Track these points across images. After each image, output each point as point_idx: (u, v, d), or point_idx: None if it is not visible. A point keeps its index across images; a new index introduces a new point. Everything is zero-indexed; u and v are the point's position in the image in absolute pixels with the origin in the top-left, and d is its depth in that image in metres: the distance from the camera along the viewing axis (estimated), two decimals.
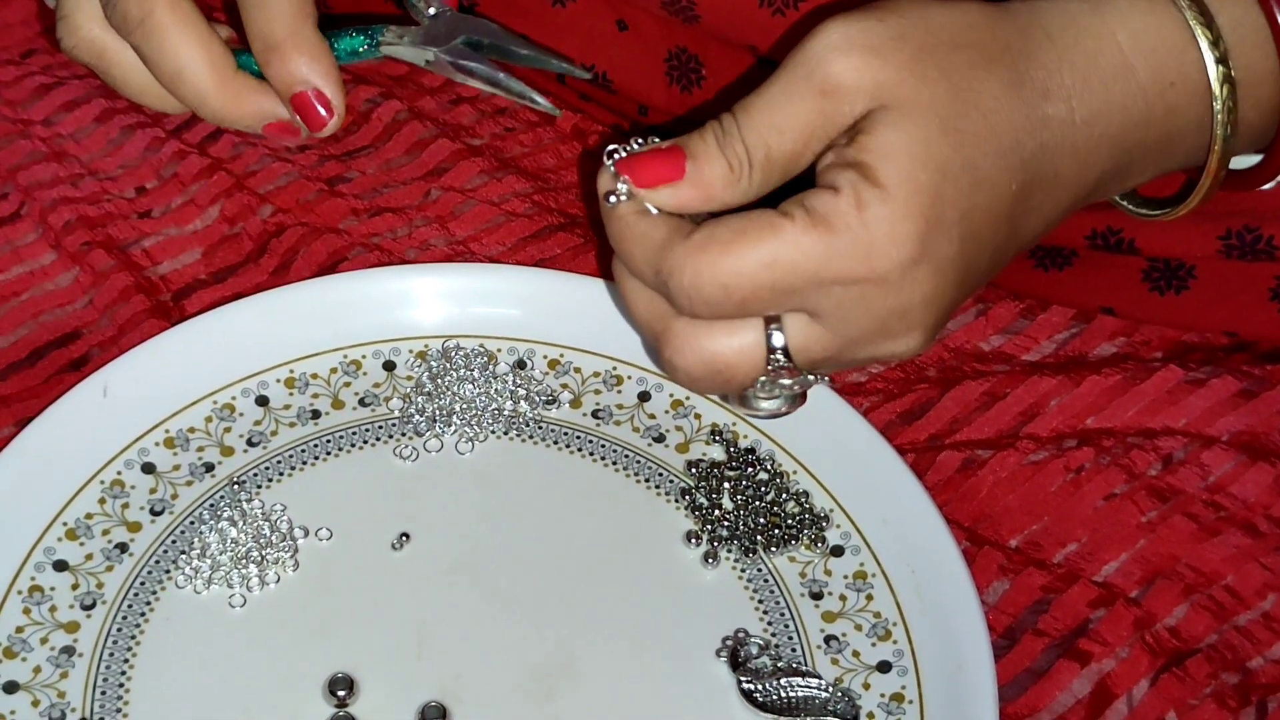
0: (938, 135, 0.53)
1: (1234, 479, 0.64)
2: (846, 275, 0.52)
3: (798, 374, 0.55)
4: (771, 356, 0.55)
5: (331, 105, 0.65)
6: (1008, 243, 0.56)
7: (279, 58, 0.64)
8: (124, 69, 0.67)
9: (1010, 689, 0.59)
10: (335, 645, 0.59)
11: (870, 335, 0.54)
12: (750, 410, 0.57)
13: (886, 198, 0.52)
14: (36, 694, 0.57)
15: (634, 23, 0.74)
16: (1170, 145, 0.58)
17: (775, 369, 0.55)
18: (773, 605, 0.61)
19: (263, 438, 0.65)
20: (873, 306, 0.53)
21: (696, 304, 0.53)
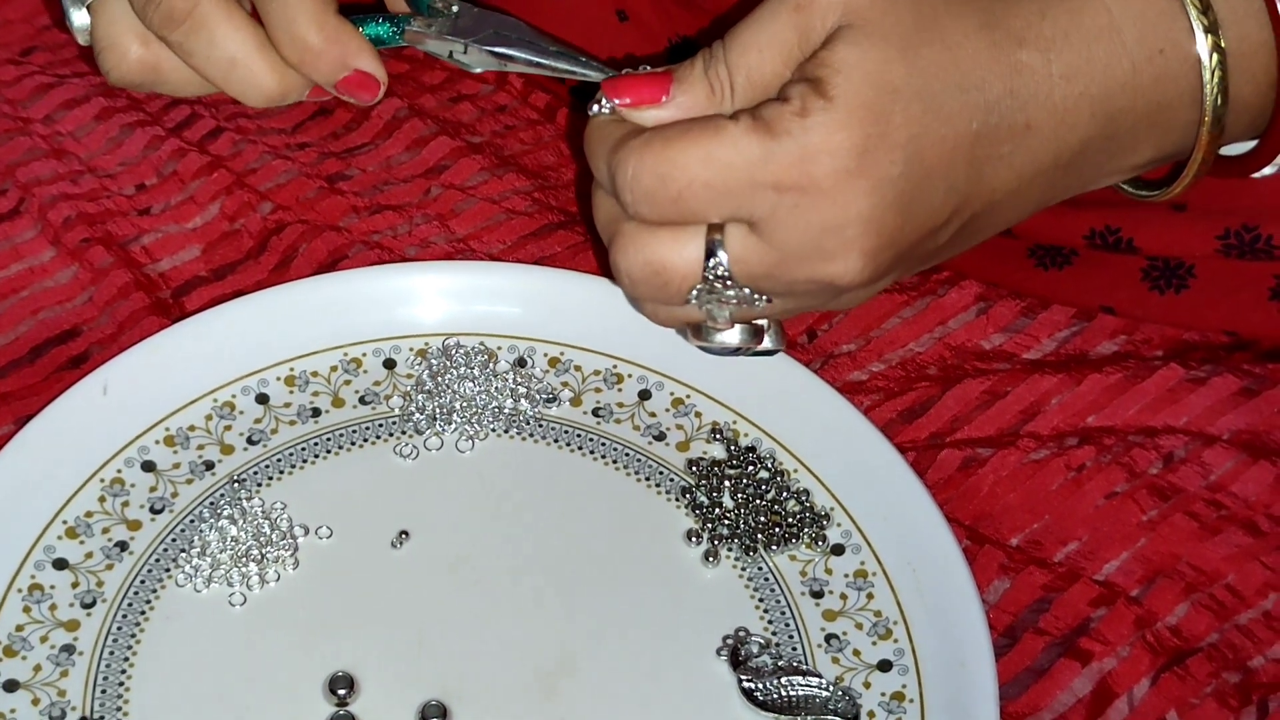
0: (896, 56, 0.53)
1: (1235, 477, 0.64)
2: (782, 180, 0.53)
3: (736, 287, 0.56)
4: (709, 263, 0.55)
5: (376, 80, 0.64)
6: (970, 186, 0.56)
7: (313, 58, 0.63)
8: (179, 75, 0.65)
9: (1011, 688, 0.59)
10: (335, 644, 0.59)
11: (807, 251, 0.54)
12: (705, 342, 0.59)
13: (830, 108, 0.53)
14: (36, 692, 0.57)
15: (634, 13, 0.74)
16: (1161, 117, 0.57)
17: (713, 279, 0.55)
18: (773, 604, 0.61)
19: (263, 436, 0.65)
20: (808, 217, 0.54)
21: (638, 197, 0.54)
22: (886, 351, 0.70)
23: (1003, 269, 0.72)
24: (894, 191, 0.54)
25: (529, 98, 0.80)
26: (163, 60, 0.65)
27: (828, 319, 0.71)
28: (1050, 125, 0.56)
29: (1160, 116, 0.57)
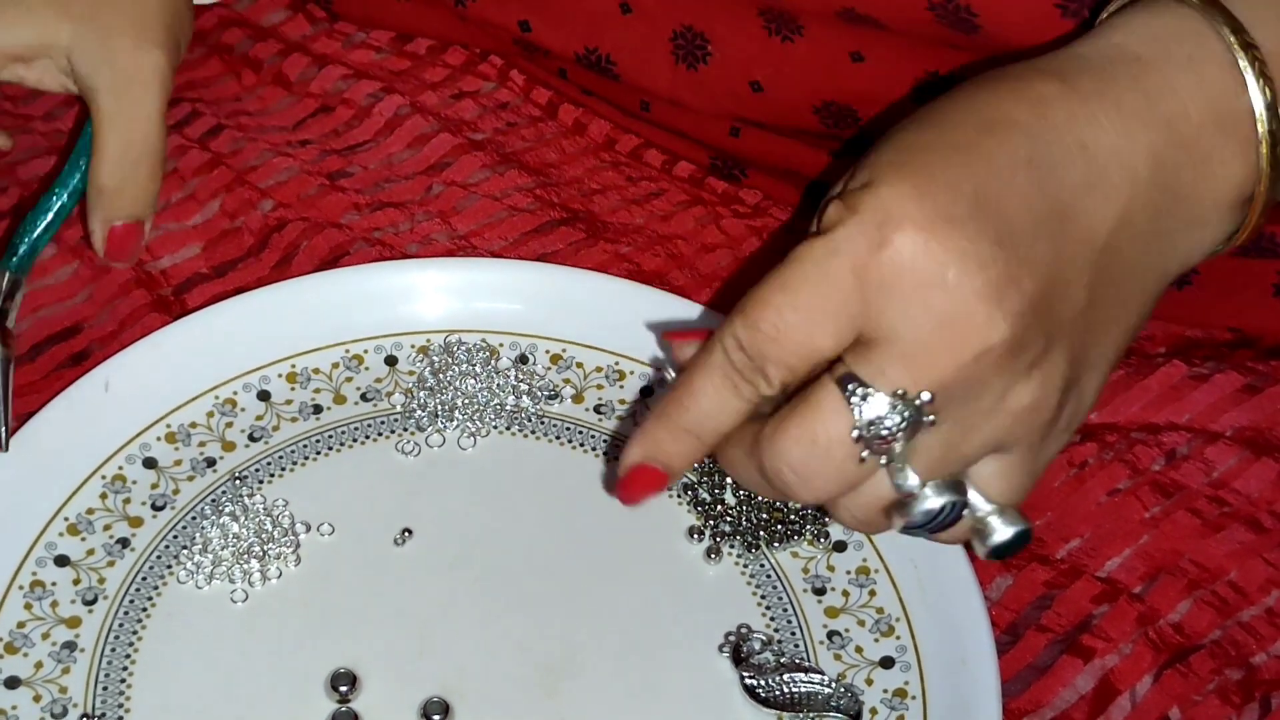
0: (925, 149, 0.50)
1: (1237, 474, 0.64)
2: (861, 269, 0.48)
3: (890, 409, 0.48)
4: (849, 392, 0.49)
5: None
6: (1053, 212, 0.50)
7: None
8: None
9: (1013, 685, 0.59)
10: (337, 640, 0.59)
11: (933, 330, 0.48)
12: (911, 517, 0.51)
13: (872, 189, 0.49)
14: (38, 689, 0.57)
15: (638, 5, 0.73)
16: (1226, 121, 0.53)
17: (862, 411, 0.49)
18: (775, 601, 0.60)
19: (264, 433, 0.65)
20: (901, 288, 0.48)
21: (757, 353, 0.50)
22: None
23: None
24: (974, 225, 0.48)
25: (531, 94, 0.80)
26: None
27: None
28: (1111, 141, 0.51)
29: (1225, 121, 0.53)
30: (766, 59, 0.71)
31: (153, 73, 0.65)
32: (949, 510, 0.51)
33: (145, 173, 0.66)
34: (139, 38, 0.65)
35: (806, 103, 0.72)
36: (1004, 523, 0.51)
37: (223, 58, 0.80)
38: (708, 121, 0.76)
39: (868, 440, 0.49)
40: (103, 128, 0.65)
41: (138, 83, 0.65)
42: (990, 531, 0.51)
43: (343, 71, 0.79)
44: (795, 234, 0.63)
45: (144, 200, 0.66)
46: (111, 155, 0.65)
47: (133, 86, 0.65)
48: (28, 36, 0.66)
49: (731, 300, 0.51)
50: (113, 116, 0.65)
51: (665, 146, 0.78)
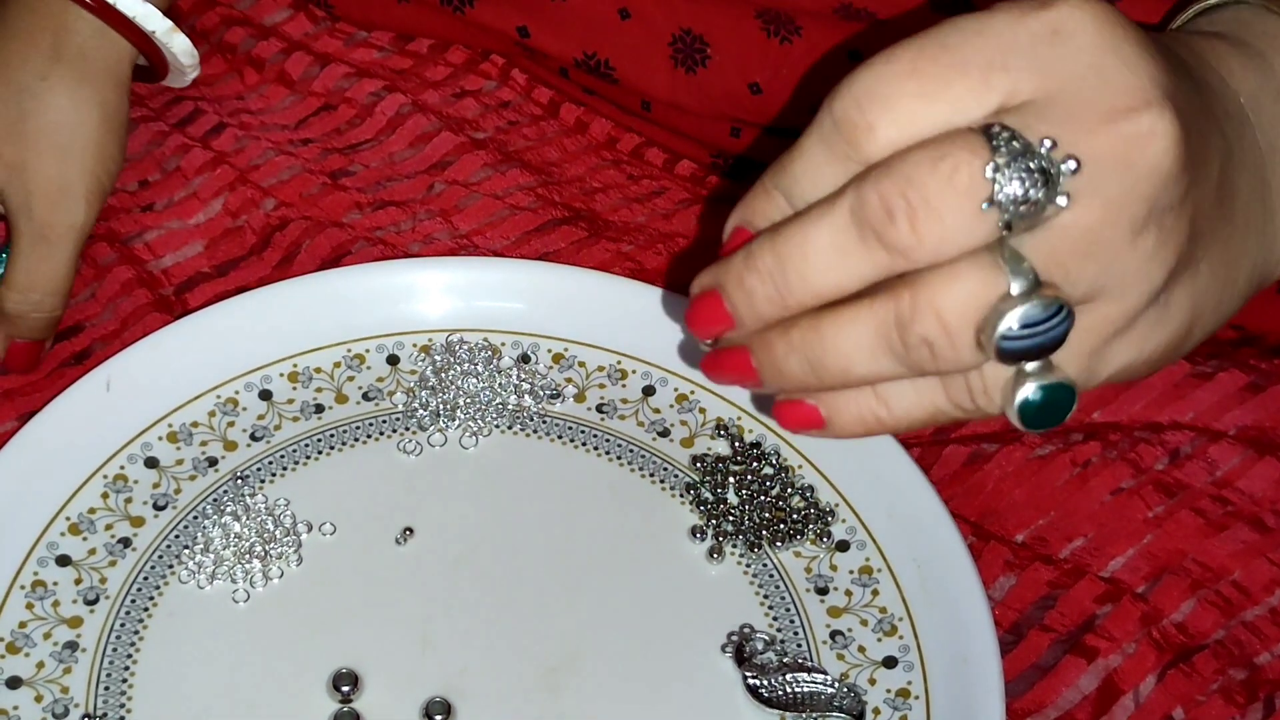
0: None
1: (1241, 473, 0.64)
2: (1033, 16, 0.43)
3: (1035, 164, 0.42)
4: (993, 133, 0.42)
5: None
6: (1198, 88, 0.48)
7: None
8: None
9: (1016, 685, 0.59)
10: (339, 641, 0.58)
11: (1098, 93, 0.43)
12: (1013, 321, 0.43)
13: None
14: (40, 689, 0.57)
15: (637, 10, 0.73)
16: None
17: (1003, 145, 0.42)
18: (778, 600, 0.60)
19: (266, 432, 0.65)
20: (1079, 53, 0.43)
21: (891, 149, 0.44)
22: None
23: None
24: (1153, 45, 0.44)
25: (532, 93, 0.80)
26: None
27: None
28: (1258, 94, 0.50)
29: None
30: (765, 61, 0.72)
31: (67, 230, 0.67)
32: (1058, 322, 0.43)
33: (47, 308, 0.67)
34: (59, 196, 0.67)
35: (805, 103, 0.72)
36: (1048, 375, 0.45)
37: (225, 57, 0.80)
38: (708, 122, 0.76)
39: (1002, 196, 0.42)
40: (15, 263, 0.67)
41: (49, 240, 0.67)
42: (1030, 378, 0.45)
43: (345, 70, 0.79)
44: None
45: (42, 330, 0.68)
46: (18, 287, 0.67)
47: (43, 242, 0.67)
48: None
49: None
50: (25, 257, 0.67)
51: (666, 145, 0.78)
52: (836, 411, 0.48)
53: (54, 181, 0.67)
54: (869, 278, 0.45)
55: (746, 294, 0.46)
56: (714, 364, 0.49)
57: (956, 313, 0.43)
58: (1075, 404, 0.45)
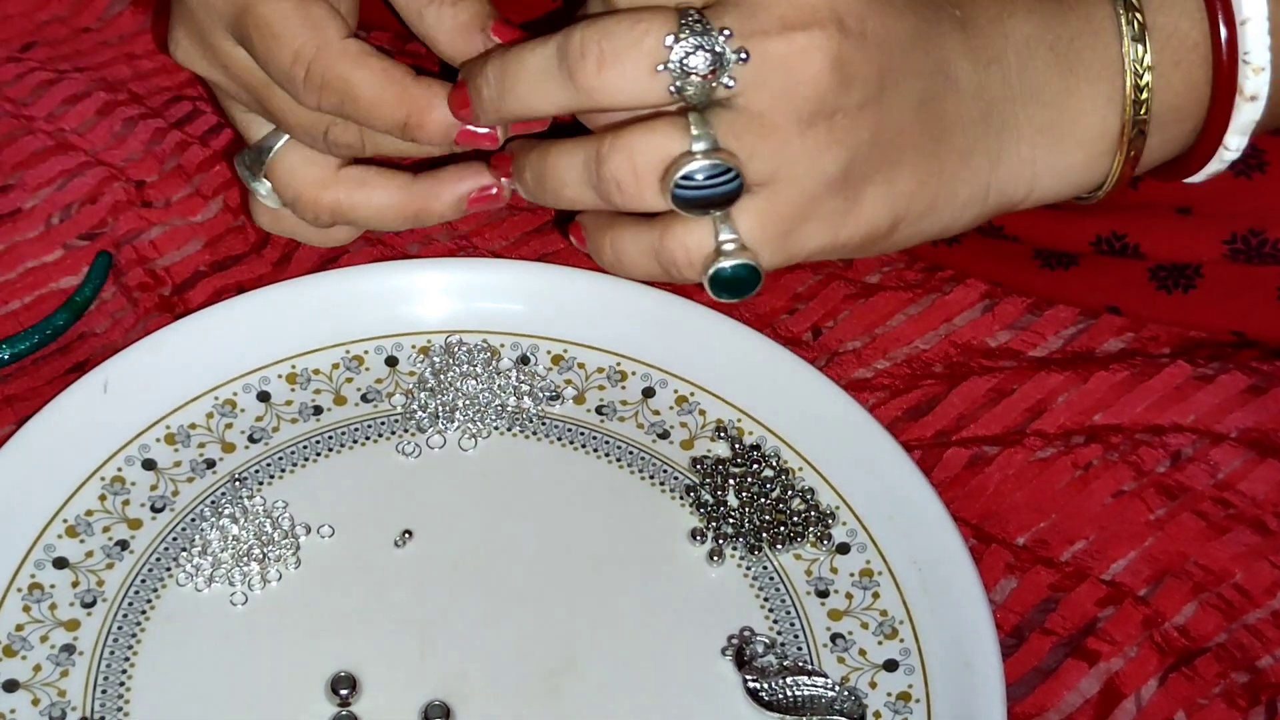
0: None
1: (1243, 476, 0.64)
2: None
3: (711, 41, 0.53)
4: (682, 13, 0.53)
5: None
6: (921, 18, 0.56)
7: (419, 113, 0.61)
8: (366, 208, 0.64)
9: (1018, 688, 0.59)
10: (338, 644, 0.58)
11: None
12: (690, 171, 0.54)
13: None
14: (36, 692, 0.57)
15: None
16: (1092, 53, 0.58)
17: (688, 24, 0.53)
18: (778, 603, 0.60)
19: (264, 434, 0.65)
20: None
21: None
22: (891, 349, 0.69)
23: (1008, 270, 0.72)
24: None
25: None
26: (342, 199, 0.64)
27: (833, 316, 0.70)
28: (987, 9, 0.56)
29: (1104, 65, 0.58)
30: None
31: None
32: (729, 180, 0.53)
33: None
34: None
35: None
36: (739, 255, 0.55)
37: None
38: None
39: (681, 61, 0.53)
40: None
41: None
42: (724, 256, 0.55)
43: None
44: None
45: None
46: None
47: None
48: None
49: None
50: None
51: None
52: (589, 235, 0.60)
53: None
54: (563, 106, 0.55)
55: (476, 91, 0.57)
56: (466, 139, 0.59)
57: (644, 157, 0.54)
58: (760, 282, 0.56)
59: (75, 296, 0.69)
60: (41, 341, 0.68)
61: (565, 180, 0.57)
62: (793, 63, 0.53)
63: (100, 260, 0.70)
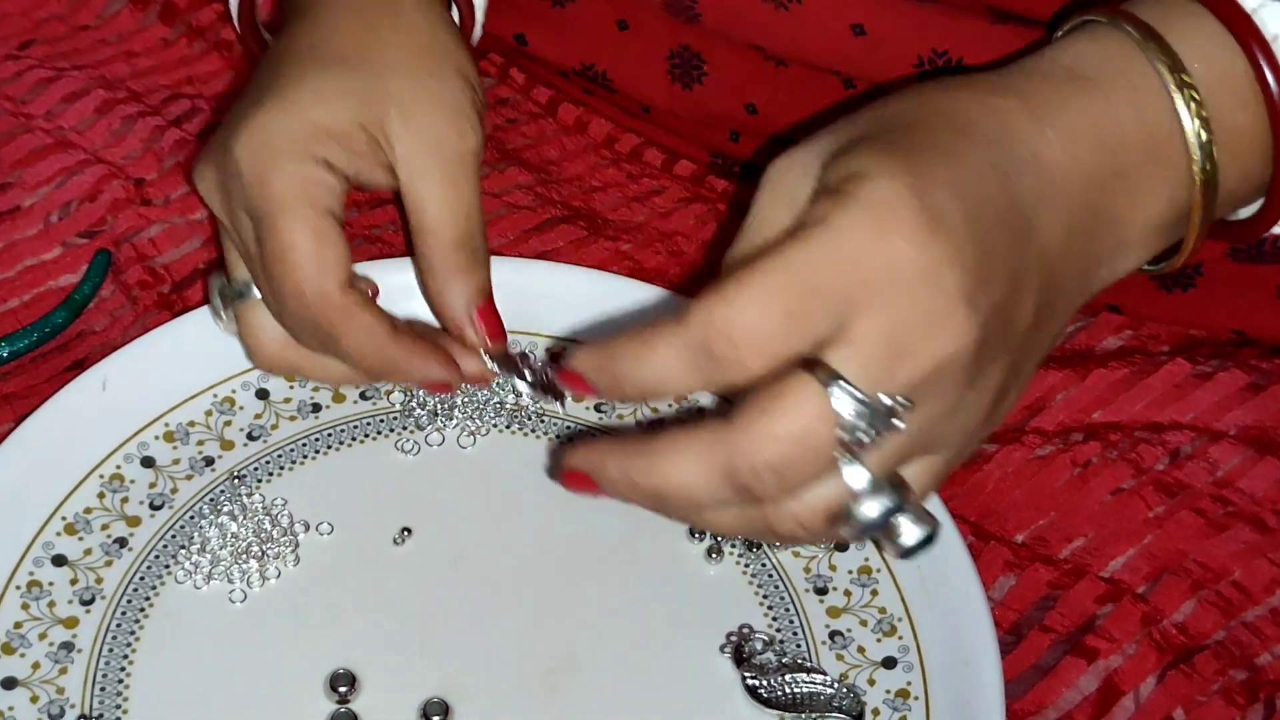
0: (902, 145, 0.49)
1: (1242, 474, 0.64)
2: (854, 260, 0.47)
3: (869, 405, 0.47)
4: (831, 387, 0.47)
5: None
6: (1020, 225, 0.50)
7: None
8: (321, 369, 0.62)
9: (1016, 685, 0.59)
10: (336, 641, 0.58)
11: (917, 328, 0.47)
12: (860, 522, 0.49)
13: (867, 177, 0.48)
14: (35, 690, 0.57)
15: (635, 22, 0.73)
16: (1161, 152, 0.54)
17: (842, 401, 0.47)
18: (777, 600, 0.60)
19: (263, 431, 0.65)
20: (899, 290, 0.47)
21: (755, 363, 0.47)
22: None
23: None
24: (964, 227, 0.48)
25: (531, 92, 0.79)
26: (301, 360, 0.62)
27: None
28: (1057, 158, 0.52)
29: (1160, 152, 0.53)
30: (762, 82, 0.71)
31: (471, 153, 0.61)
32: (894, 510, 0.50)
33: (479, 247, 0.61)
34: (456, 117, 0.60)
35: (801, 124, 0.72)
36: (917, 524, 0.50)
37: (222, 53, 0.80)
38: (707, 128, 0.76)
39: (847, 442, 0.48)
40: (430, 209, 0.60)
41: (456, 168, 0.60)
42: (901, 533, 0.50)
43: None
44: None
45: (486, 277, 0.61)
46: (441, 228, 0.60)
47: (451, 171, 0.60)
48: (347, 113, 0.59)
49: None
50: (442, 198, 0.60)
51: (665, 145, 0.78)
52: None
53: (448, 106, 0.60)
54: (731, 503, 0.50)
55: (619, 491, 0.52)
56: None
57: (811, 513, 0.49)
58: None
59: (74, 294, 0.69)
60: (40, 339, 0.68)
61: (713, 526, 0.52)
62: (945, 368, 0.48)
63: (99, 258, 0.70)
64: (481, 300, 0.60)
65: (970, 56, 0.67)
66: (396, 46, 0.61)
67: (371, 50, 0.60)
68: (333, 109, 0.59)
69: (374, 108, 0.59)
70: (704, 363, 0.48)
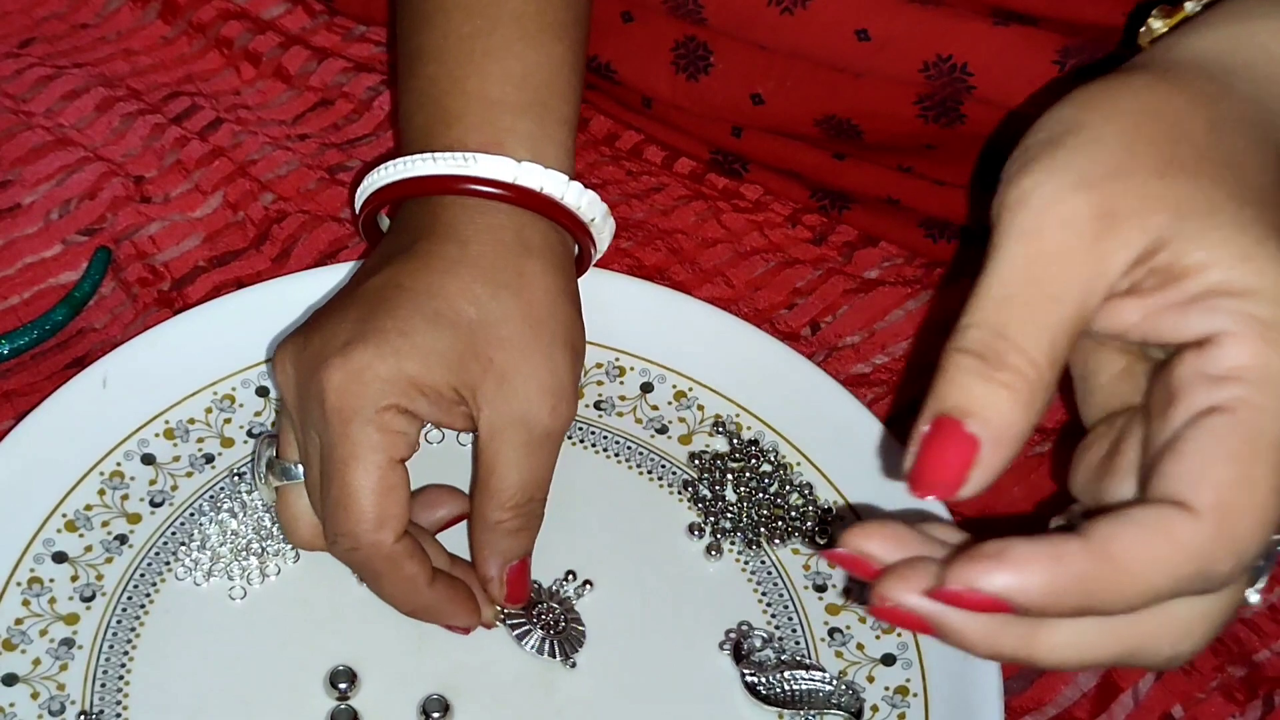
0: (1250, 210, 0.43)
1: None
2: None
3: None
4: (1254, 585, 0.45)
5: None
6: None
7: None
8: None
9: (1015, 682, 0.59)
10: (336, 637, 0.58)
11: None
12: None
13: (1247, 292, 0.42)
14: (36, 686, 0.57)
15: (640, 15, 0.73)
16: None
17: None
18: (776, 598, 0.60)
19: (263, 429, 0.65)
20: None
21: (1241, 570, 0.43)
22: (890, 344, 0.70)
23: None
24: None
25: None
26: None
27: (831, 311, 0.70)
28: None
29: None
30: (769, 72, 0.71)
31: (560, 431, 0.59)
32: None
33: (539, 514, 0.59)
34: (556, 398, 0.58)
35: (808, 116, 0.72)
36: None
37: (222, 51, 0.80)
38: (709, 122, 0.76)
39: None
40: (507, 477, 0.58)
41: (543, 443, 0.58)
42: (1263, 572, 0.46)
43: (343, 65, 0.78)
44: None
45: (531, 539, 0.59)
46: (515, 498, 0.58)
47: (538, 446, 0.58)
48: (444, 375, 0.57)
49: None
50: (518, 466, 0.58)
51: (666, 143, 0.78)
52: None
53: (545, 383, 0.58)
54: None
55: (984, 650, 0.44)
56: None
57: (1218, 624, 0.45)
58: None
59: (74, 292, 0.69)
60: (40, 337, 0.68)
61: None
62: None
63: (99, 256, 0.70)
64: (517, 562, 0.59)
65: (975, 60, 0.67)
66: (512, 320, 0.58)
67: (486, 320, 0.58)
68: (430, 367, 0.56)
69: (473, 374, 0.57)
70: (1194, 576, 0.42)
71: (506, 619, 0.58)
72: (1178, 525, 0.41)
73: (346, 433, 0.55)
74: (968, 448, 0.42)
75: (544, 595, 0.59)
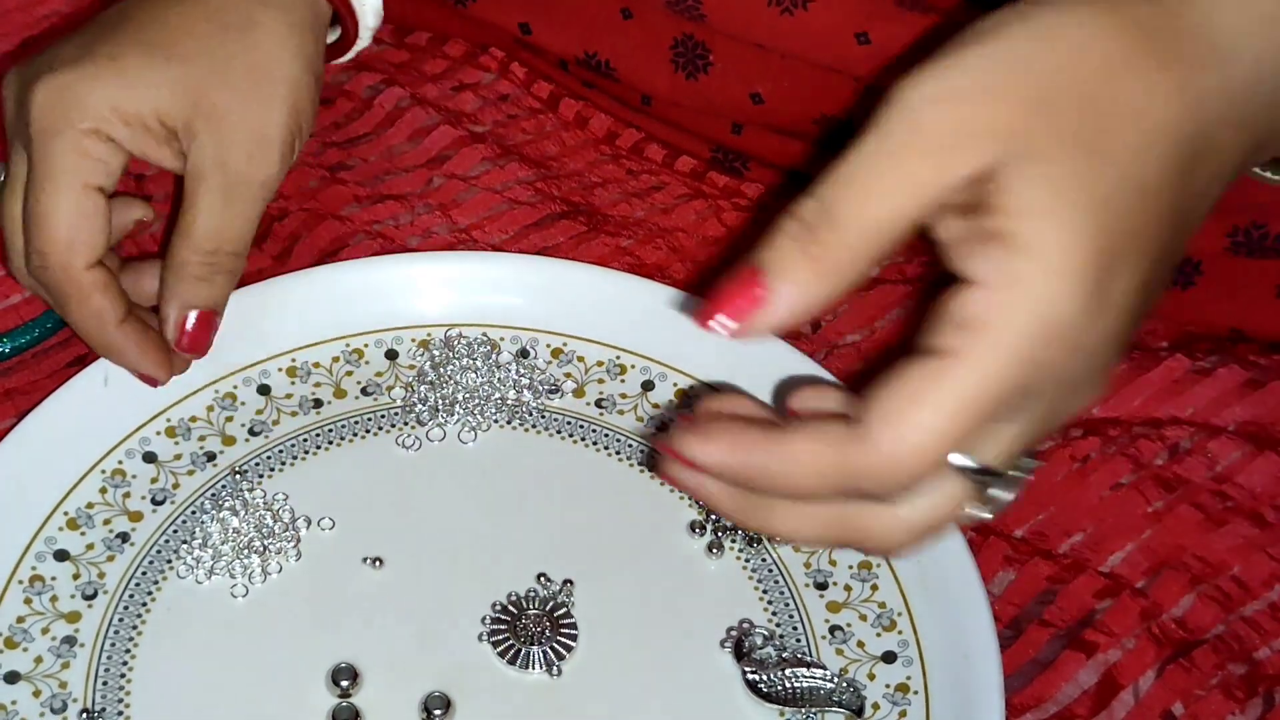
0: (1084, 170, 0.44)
1: (1241, 469, 0.64)
2: (1030, 380, 0.44)
3: (1001, 475, 0.47)
4: (974, 478, 0.46)
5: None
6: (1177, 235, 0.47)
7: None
8: None
9: (1016, 679, 0.59)
10: (338, 635, 0.58)
11: (1061, 405, 0.47)
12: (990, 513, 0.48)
13: (1044, 268, 0.43)
14: (38, 684, 0.57)
15: (639, 11, 0.73)
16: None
17: (979, 487, 0.47)
18: (777, 595, 0.60)
19: (264, 427, 0.65)
20: (1060, 387, 0.46)
21: (898, 491, 0.46)
22: (891, 342, 0.70)
23: None
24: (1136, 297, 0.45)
25: (531, 87, 0.80)
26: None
27: (832, 309, 0.70)
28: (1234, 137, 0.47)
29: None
30: (767, 71, 0.72)
31: (261, 184, 0.62)
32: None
33: (228, 267, 0.62)
34: (257, 147, 0.61)
35: (806, 115, 0.72)
36: (1009, 487, 0.48)
37: None
38: (709, 119, 0.76)
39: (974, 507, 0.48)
40: (198, 218, 0.61)
41: (240, 193, 0.61)
42: (1000, 500, 0.48)
43: (343, 64, 0.78)
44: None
45: (221, 293, 0.63)
46: (201, 244, 0.61)
47: (234, 195, 0.61)
48: (150, 103, 0.60)
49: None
50: (212, 212, 0.61)
51: (667, 141, 0.78)
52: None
53: (255, 131, 0.61)
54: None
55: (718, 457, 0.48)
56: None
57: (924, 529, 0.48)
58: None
59: None
60: (42, 335, 0.68)
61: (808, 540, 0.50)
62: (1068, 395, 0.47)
63: None
64: (200, 312, 0.62)
65: None
66: (233, 64, 0.61)
67: (208, 57, 0.61)
68: (136, 96, 0.60)
69: (182, 107, 0.60)
70: (845, 484, 0.45)
71: (494, 646, 0.58)
72: (838, 437, 0.45)
73: (46, 152, 0.58)
74: (756, 299, 0.45)
75: (526, 605, 0.59)
